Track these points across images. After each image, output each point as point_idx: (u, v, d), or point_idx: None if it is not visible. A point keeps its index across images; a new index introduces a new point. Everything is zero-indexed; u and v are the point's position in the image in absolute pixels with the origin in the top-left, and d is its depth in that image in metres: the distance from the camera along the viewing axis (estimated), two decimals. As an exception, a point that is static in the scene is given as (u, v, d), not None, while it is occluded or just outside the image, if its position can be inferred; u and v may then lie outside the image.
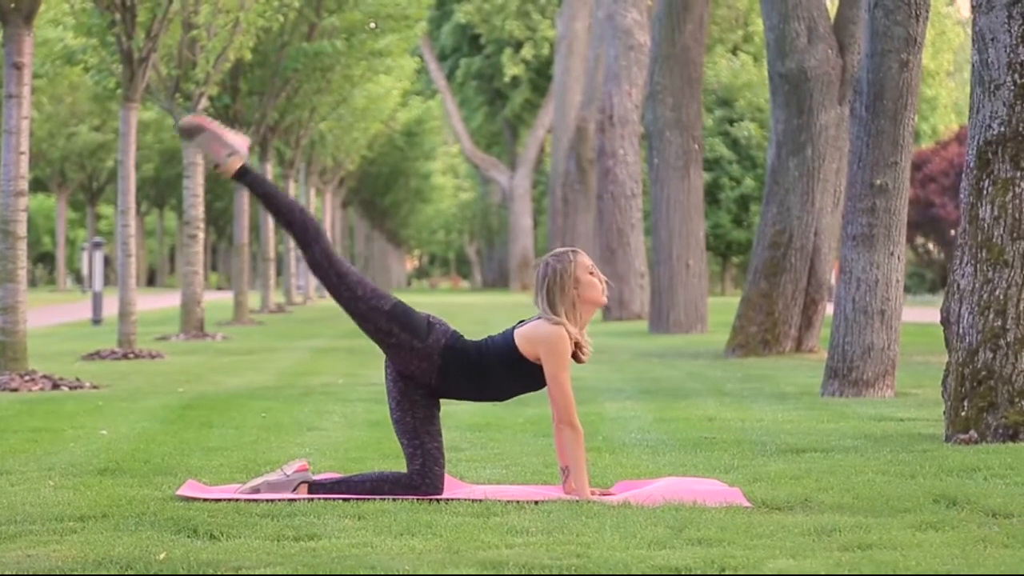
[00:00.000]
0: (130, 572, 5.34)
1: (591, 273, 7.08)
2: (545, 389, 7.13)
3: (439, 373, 7.01)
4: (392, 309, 7.02)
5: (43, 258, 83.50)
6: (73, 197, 66.77)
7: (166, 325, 25.98)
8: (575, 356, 7.07)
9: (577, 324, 7.05)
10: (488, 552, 5.64)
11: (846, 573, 5.27)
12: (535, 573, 5.27)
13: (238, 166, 7.16)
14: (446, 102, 62.16)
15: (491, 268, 78.50)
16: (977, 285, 9.15)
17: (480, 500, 6.82)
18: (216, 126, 7.16)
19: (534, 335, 7.00)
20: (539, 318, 7.06)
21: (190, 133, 7.19)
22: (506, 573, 5.28)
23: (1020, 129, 9.10)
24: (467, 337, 7.14)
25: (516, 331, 7.05)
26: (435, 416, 7.07)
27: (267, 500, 6.82)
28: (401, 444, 7.07)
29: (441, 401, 7.14)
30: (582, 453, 7.04)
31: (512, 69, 59.68)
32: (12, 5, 14.09)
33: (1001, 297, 9.06)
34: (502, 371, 7.02)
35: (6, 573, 5.31)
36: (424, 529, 6.12)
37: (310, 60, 28.65)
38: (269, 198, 7.19)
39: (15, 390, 13.48)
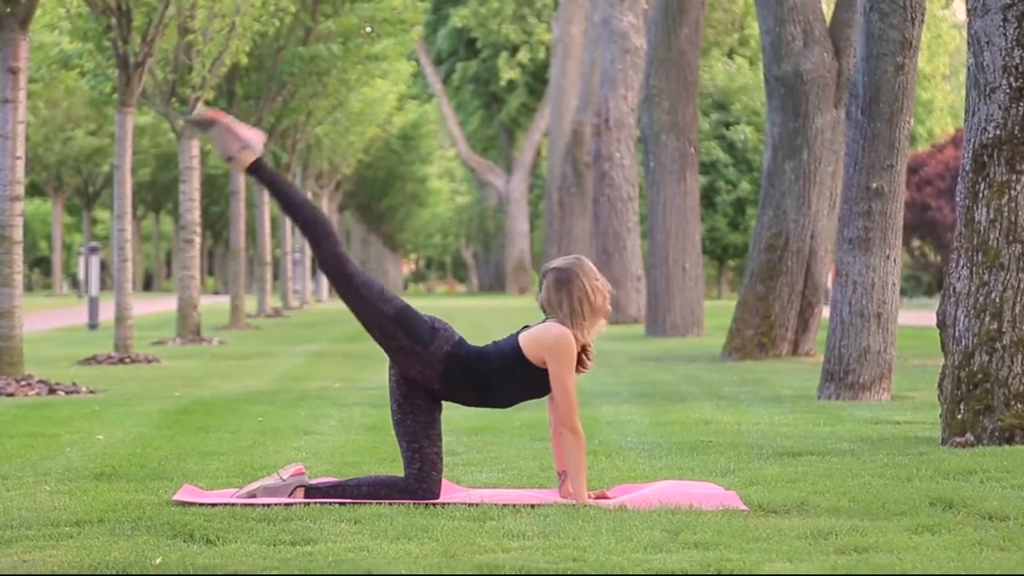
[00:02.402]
0: (126, 577, 5.35)
1: (596, 280, 7.07)
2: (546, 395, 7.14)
3: (441, 379, 6.99)
4: (397, 314, 7.00)
5: (39, 263, 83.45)
6: (69, 202, 66.70)
7: (162, 329, 25.97)
8: (579, 363, 7.05)
9: (588, 333, 7.04)
10: (484, 556, 5.64)
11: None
12: (531, 577, 5.27)
13: (251, 160, 7.16)
14: (442, 106, 62.17)
15: (487, 272, 78.49)
16: (973, 288, 9.16)
17: (476, 504, 6.81)
18: (230, 120, 7.14)
19: (541, 337, 6.97)
20: (545, 321, 7.04)
21: (203, 125, 7.17)
22: (502, 577, 5.29)
23: (1015, 132, 9.11)
24: (469, 342, 7.12)
25: (521, 335, 7.03)
26: (436, 421, 7.07)
27: (263, 505, 6.81)
28: (400, 447, 7.06)
29: (442, 404, 7.15)
30: (582, 458, 7.03)
31: (508, 73, 59.72)
32: (8, 10, 14.09)
33: (997, 300, 9.06)
34: (505, 376, 6.99)
35: (2, 578, 5.32)
36: (420, 533, 6.11)
37: (306, 64, 28.65)
38: (281, 194, 7.19)
39: (11, 395, 13.47)
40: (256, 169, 7.17)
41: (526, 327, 7.08)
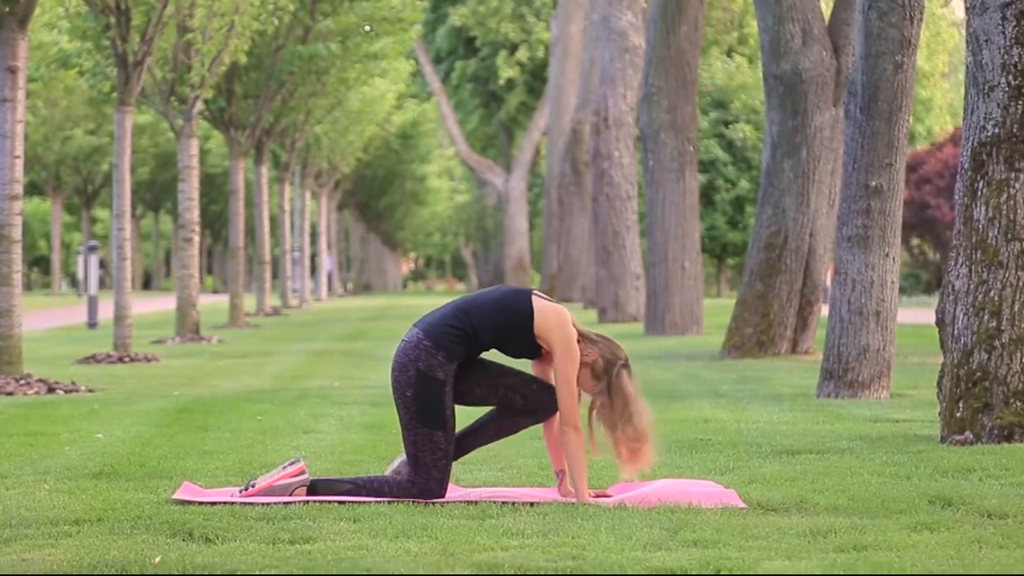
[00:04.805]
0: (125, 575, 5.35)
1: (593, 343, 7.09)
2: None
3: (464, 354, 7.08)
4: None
5: (38, 262, 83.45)
6: (68, 201, 66.71)
7: (162, 328, 25.98)
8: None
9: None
10: (484, 554, 5.64)
11: (841, 574, 5.27)
12: (531, 575, 5.27)
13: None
14: (441, 105, 62.13)
15: (487, 270, 78.42)
16: (972, 286, 9.16)
17: (476, 502, 6.82)
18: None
19: (557, 325, 6.99)
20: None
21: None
22: (501, 575, 5.29)
23: (1014, 130, 9.11)
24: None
25: (537, 305, 7.03)
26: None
27: (263, 503, 6.82)
28: (418, 453, 7.03)
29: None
30: (583, 456, 7.04)
31: (507, 72, 59.67)
32: (6, 9, 14.09)
33: (996, 298, 9.07)
34: (497, 328, 7.01)
35: None
36: (420, 531, 6.11)
37: (305, 63, 28.65)
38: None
39: (11, 394, 13.47)
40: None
41: (538, 294, 7.09)
